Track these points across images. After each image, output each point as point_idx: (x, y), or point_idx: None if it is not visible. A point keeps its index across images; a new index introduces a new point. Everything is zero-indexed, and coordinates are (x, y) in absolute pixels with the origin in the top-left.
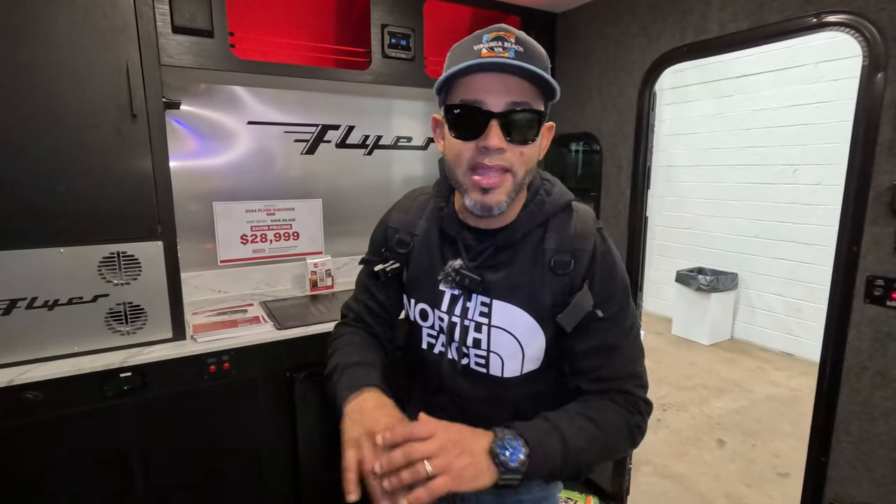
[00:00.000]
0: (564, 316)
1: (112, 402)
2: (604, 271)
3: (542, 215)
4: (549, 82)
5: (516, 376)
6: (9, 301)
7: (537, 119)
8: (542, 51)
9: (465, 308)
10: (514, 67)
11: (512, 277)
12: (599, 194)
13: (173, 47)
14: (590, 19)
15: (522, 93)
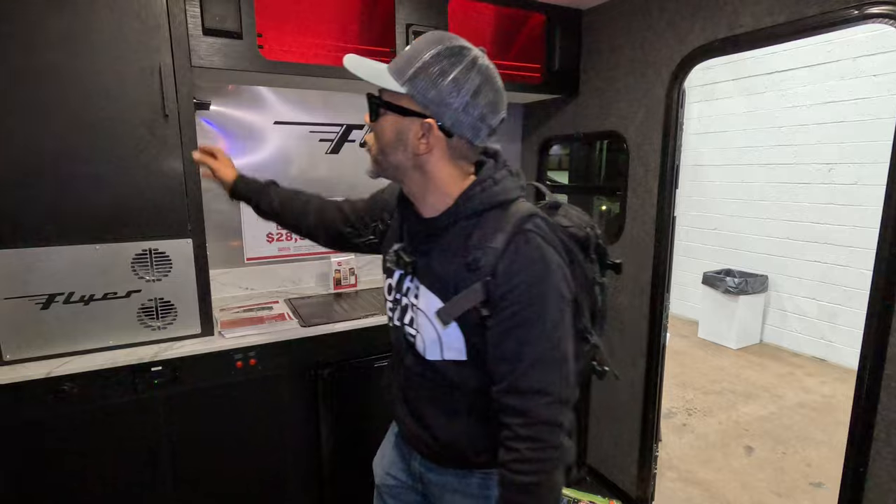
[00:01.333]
0: (443, 308)
1: (143, 395)
2: (507, 271)
3: (468, 210)
4: (389, 78)
5: (439, 360)
6: (47, 296)
7: (379, 102)
8: (418, 52)
9: (407, 288)
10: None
11: (434, 265)
12: (626, 194)
13: (203, 49)
14: (616, 15)
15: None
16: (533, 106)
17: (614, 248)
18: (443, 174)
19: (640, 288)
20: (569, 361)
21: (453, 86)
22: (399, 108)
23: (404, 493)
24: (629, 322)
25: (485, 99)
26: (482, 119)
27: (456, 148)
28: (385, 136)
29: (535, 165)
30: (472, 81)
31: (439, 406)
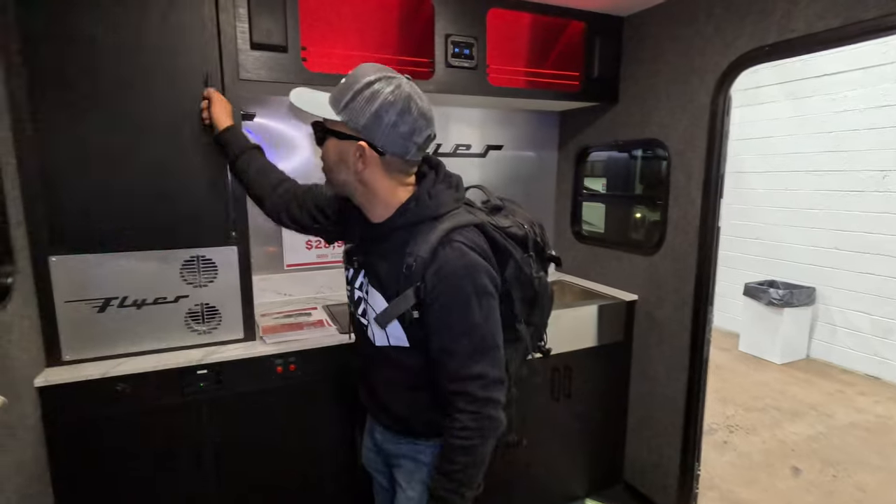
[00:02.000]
0: (380, 314)
1: (189, 397)
2: (434, 276)
3: (402, 221)
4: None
5: (386, 346)
6: (104, 300)
7: (321, 130)
8: (351, 83)
9: (360, 283)
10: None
11: (377, 266)
12: (667, 203)
13: (251, 62)
14: (659, 21)
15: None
16: (570, 114)
17: (654, 258)
18: (382, 186)
19: (681, 300)
20: (498, 348)
21: (380, 111)
22: (337, 133)
23: (379, 465)
24: (669, 335)
25: (409, 120)
26: (408, 137)
27: (390, 164)
28: (329, 158)
29: (571, 173)
30: (396, 106)
31: (389, 383)
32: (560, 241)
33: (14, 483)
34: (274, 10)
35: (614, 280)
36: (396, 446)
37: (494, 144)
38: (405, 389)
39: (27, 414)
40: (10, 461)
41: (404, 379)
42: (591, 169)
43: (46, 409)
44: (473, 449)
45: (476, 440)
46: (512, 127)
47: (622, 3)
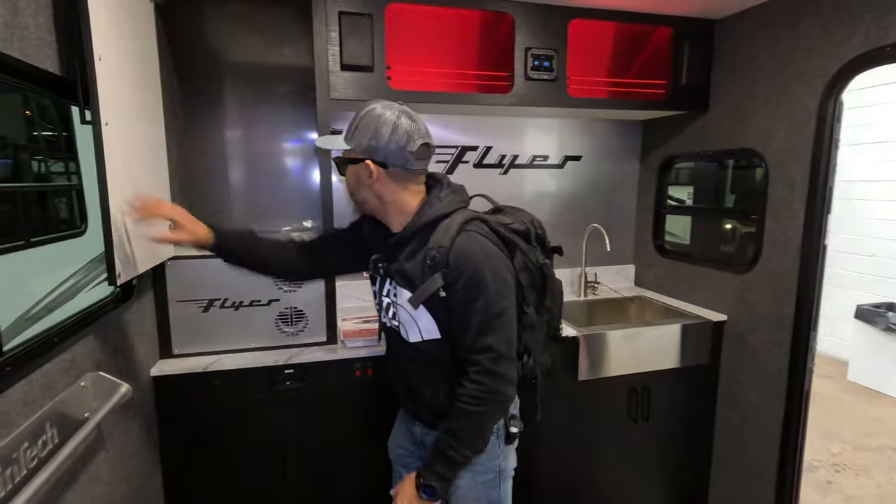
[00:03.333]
0: (413, 296)
1: (277, 394)
2: (455, 260)
3: (421, 222)
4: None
5: (420, 341)
6: (208, 300)
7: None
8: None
9: (388, 289)
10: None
11: (402, 267)
12: (763, 217)
13: (340, 83)
14: (756, 24)
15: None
16: (654, 123)
17: (748, 276)
18: (395, 198)
19: (779, 323)
20: (510, 325)
21: (376, 132)
22: (350, 159)
23: (412, 460)
24: (764, 360)
25: (400, 134)
26: (403, 149)
27: (395, 175)
28: (350, 183)
29: (654, 185)
30: (386, 126)
31: (425, 378)
32: (641, 255)
33: (133, 461)
34: (362, 34)
35: (700, 298)
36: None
37: (573, 155)
38: (442, 382)
39: (144, 400)
40: (130, 442)
41: (440, 372)
42: (675, 178)
43: (159, 397)
44: (476, 416)
45: (481, 408)
46: (591, 137)
47: (714, 7)
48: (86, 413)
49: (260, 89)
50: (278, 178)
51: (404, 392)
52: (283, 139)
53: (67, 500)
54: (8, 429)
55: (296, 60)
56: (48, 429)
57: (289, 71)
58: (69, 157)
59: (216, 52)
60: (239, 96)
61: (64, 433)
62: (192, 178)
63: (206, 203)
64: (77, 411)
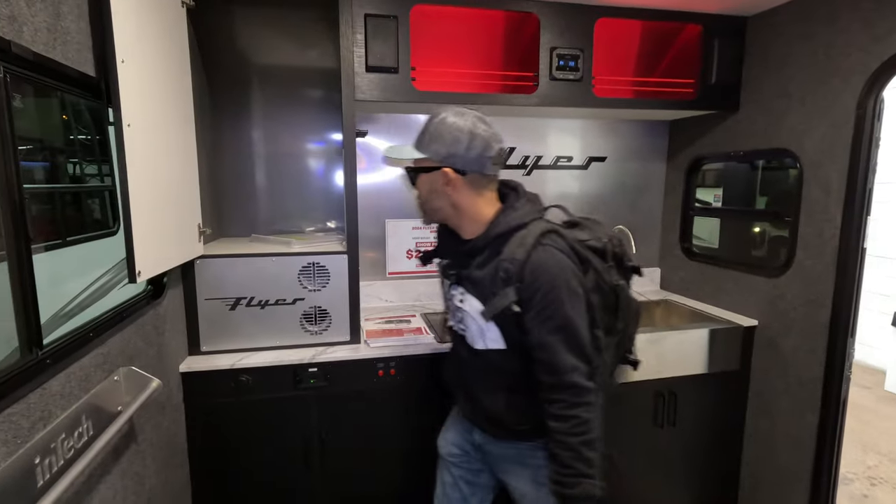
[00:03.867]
0: (486, 308)
1: (301, 392)
2: (530, 276)
3: (495, 232)
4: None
5: (483, 349)
6: (235, 299)
7: (412, 170)
8: (427, 125)
9: (453, 294)
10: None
11: (473, 275)
12: (797, 220)
13: (365, 84)
14: (790, 20)
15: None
16: (681, 123)
17: (780, 280)
18: (470, 204)
19: (813, 329)
20: (585, 341)
21: (453, 140)
22: (424, 168)
23: (467, 461)
24: (797, 367)
25: (478, 141)
26: (480, 155)
27: (472, 181)
28: (423, 192)
29: (681, 186)
30: (464, 131)
31: (485, 386)
32: (667, 257)
33: (163, 454)
34: (387, 35)
35: (729, 302)
36: (500, 449)
37: (597, 156)
38: (503, 391)
39: (173, 395)
40: (160, 435)
41: (502, 382)
42: (702, 179)
43: (187, 392)
44: (593, 442)
45: (594, 432)
46: (616, 137)
47: (746, 3)
48: (119, 406)
49: (285, 91)
50: (302, 179)
51: (464, 397)
52: (308, 140)
53: (100, 491)
54: (46, 420)
55: (321, 62)
56: (84, 421)
57: (314, 73)
58: (103, 159)
59: (244, 54)
60: (265, 98)
61: (98, 426)
62: (219, 178)
63: (232, 203)
64: (110, 404)
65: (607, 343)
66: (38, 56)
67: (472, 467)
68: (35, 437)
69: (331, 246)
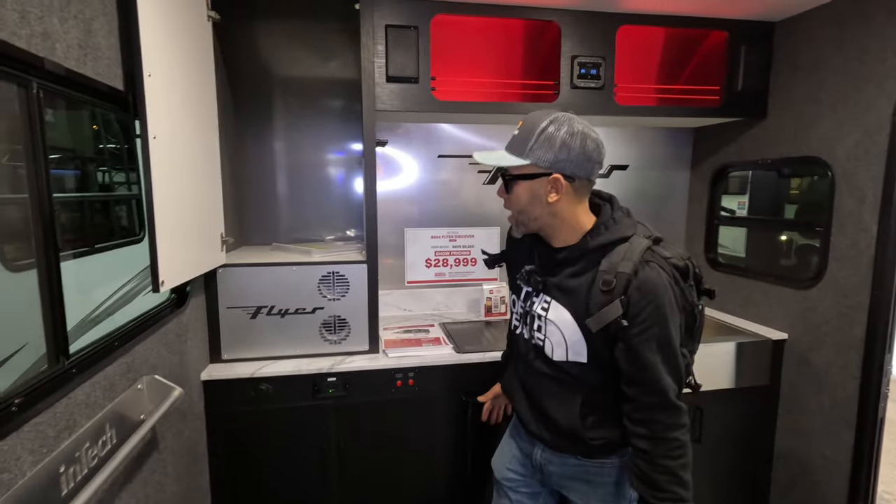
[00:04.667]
0: (592, 319)
1: (319, 401)
2: (637, 292)
3: (596, 243)
4: (512, 158)
5: (563, 361)
6: (255, 307)
7: (510, 177)
8: (529, 130)
9: (533, 301)
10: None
11: (566, 285)
12: (829, 230)
13: (386, 94)
14: (821, 24)
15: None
16: (706, 131)
17: (811, 292)
18: (571, 213)
19: (847, 343)
20: (681, 362)
21: (565, 144)
22: (527, 175)
23: (525, 484)
24: (830, 383)
25: (591, 145)
26: (591, 160)
27: (579, 188)
28: (522, 200)
29: (706, 195)
30: (576, 137)
31: (559, 399)
32: None
33: (184, 461)
34: (408, 46)
35: (757, 314)
36: (563, 467)
37: (619, 164)
38: (576, 405)
39: (194, 403)
40: (181, 442)
41: (577, 395)
42: (726, 186)
43: (208, 400)
44: (689, 465)
45: (690, 455)
46: (639, 145)
47: (774, 8)
48: (142, 415)
49: (306, 101)
50: (322, 188)
51: (529, 409)
52: (327, 150)
53: (122, 499)
54: (72, 429)
55: (341, 73)
56: (108, 430)
57: (334, 84)
58: (130, 168)
59: (266, 65)
60: (286, 108)
61: (122, 434)
62: (241, 187)
63: (254, 212)
64: (134, 413)
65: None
66: (70, 72)
67: (531, 490)
68: (60, 446)
69: (350, 255)
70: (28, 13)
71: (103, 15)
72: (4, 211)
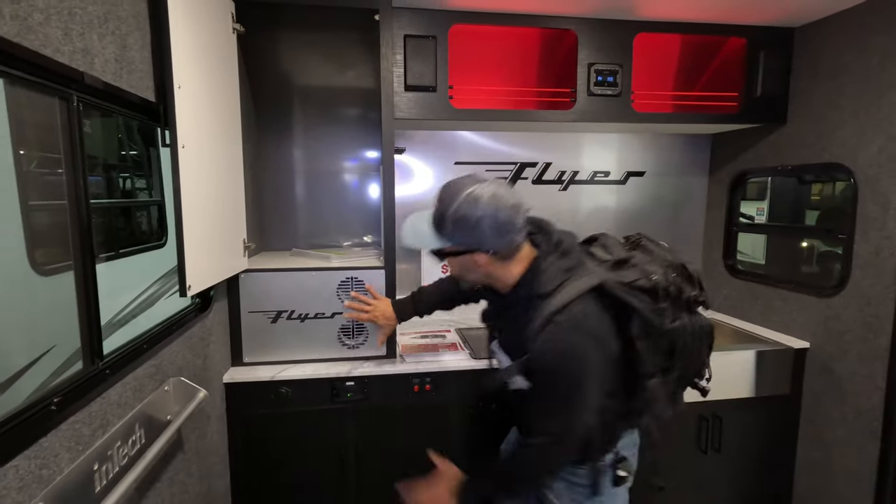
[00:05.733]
0: (503, 371)
1: (338, 405)
2: (536, 353)
3: (520, 294)
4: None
5: (509, 387)
6: (276, 312)
7: (437, 253)
8: (443, 212)
9: (493, 339)
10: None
11: (504, 330)
12: (852, 237)
13: (404, 103)
14: (842, 30)
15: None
16: (724, 137)
17: (834, 300)
18: (502, 272)
19: (872, 353)
20: (576, 416)
21: (476, 227)
22: (451, 253)
23: None
24: (854, 393)
25: (504, 216)
26: (509, 230)
27: (503, 255)
28: (455, 269)
29: (725, 202)
30: (487, 217)
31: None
32: (710, 274)
33: (207, 462)
34: (426, 55)
35: (777, 322)
36: None
37: (635, 171)
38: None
39: (217, 405)
40: (205, 444)
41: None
42: (744, 193)
43: (230, 402)
44: (516, 493)
45: (522, 487)
46: (656, 151)
47: (794, 14)
48: (168, 416)
49: (325, 111)
50: (340, 195)
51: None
52: (345, 157)
53: (150, 497)
54: (105, 428)
55: (358, 83)
56: (137, 429)
57: (352, 93)
58: (150, 175)
59: (287, 75)
60: (305, 117)
61: (150, 434)
62: (262, 193)
63: (273, 218)
64: (161, 414)
65: (659, 383)
66: (107, 85)
67: None
68: (94, 444)
69: (369, 261)
70: (71, 30)
71: (137, 30)
72: (36, 217)
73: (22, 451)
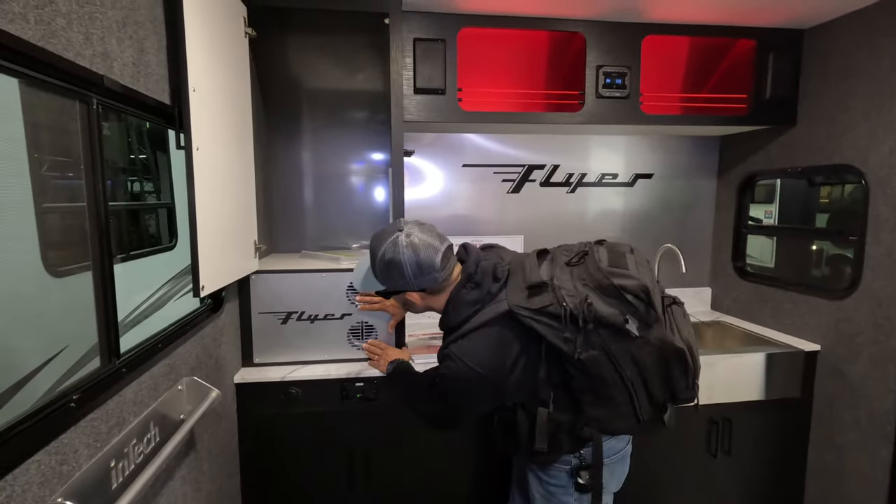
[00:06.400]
0: None
1: (347, 406)
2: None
3: (443, 324)
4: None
5: None
6: (286, 313)
7: (382, 293)
8: (372, 262)
9: None
10: None
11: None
12: (863, 239)
13: (413, 105)
14: (852, 31)
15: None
16: (733, 139)
17: (845, 303)
18: (437, 303)
19: (884, 355)
20: (450, 414)
21: (399, 273)
22: (390, 293)
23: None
24: (866, 396)
25: (423, 257)
26: (430, 270)
27: (433, 289)
28: (400, 303)
29: (734, 203)
30: (410, 258)
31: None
32: (719, 277)
33: (218, 461)
34: (436, 58)
35: (788, 325)
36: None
37: (644, 173)
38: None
39: (228, 405)
40: (216, 443)
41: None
42: (754, 195)
43: (241, 403)
44: (416, 403)
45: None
46: (664, 153)
47: (803, 15)
48: (181, 415)
49: (333, 114)
50: (348, 197)
51: None
52: (353, 160)
53: (164, 495)
54: (121, 426)
55: (367, 86)
56: (152, 427)
57: (361, 96)
58: (158, 178)
59: (297, 78)
60: (314, 121)
61: (164, 433)
62: (272, 196)
63: (283, 220)
64: (175, 412)
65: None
66: (125, 88)
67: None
68: (112, 441)
69: None
70: (91, 34)
71: (154, 34)
72: (49, 219)
73: (43, 446)
